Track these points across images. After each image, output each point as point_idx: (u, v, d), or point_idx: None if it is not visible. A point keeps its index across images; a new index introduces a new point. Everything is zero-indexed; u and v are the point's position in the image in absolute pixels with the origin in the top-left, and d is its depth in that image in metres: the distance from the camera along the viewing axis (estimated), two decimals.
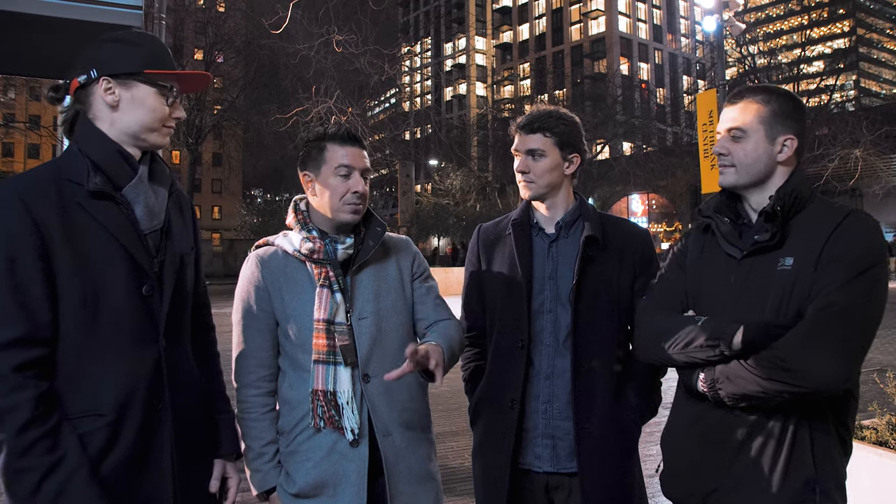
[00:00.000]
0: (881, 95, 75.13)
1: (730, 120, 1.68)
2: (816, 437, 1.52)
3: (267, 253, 1.91)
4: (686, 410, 1.71)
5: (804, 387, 1.43)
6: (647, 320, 1.73)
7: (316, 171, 1.87)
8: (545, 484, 1.98)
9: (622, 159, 39.26)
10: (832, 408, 1.54)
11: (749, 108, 1.65)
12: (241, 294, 1.88)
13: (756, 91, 1.68)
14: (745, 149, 1.64)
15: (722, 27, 12.96)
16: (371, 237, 1.90)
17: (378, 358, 1.85)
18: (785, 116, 1.63)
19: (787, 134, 1.63)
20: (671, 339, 1.61)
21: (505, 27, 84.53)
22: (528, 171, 2.02)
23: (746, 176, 1.65)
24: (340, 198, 1.84)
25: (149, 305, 1.53)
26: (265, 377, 1.85)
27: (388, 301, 1.90)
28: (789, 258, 1.54)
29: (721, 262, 1.66)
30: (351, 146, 1.87)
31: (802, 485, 1.50)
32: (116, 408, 1.45)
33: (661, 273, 1.82)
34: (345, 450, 1.79)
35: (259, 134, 31.39)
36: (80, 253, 1.44)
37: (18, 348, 1.36)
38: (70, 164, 1.50)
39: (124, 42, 1.56)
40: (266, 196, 56.90)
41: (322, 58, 19.30)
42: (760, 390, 1.47)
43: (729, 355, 1.52)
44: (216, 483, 1.71)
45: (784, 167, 1.64)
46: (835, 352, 1.43)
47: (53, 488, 1.35)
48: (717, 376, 1.54)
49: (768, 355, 1.46)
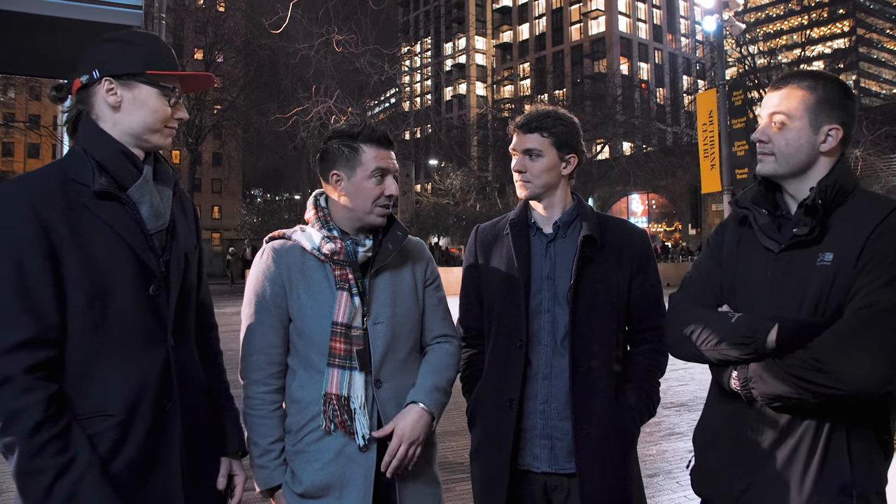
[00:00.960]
0: (881, 95, 75.13)
1: (772, 105, 1.59)
2: (853, 440, 1.45)
3: (283, 247, 1.87)
4: (719, 409, 1.66)
5: (840, 390, 1.37)
6: (680, 315, 1.66)
7: (349, 172, 1.83)
8: (543, 484, 1.97)
9: (622, 159, 39.29)
10: (871, 411, 1.46)
11: (794, 94, 1.57)
12: (255, 287, 1.85)
13: (802, 77, 1.59)
14: (786, 137, 1.56)
15: (722, 27, 12.95)
16: (391, 240, 1.87)
17: (390, 363, 1.84)
18: (831, 105, 1.55)
19: (833, 123, 1.54)
20: (703, 335, 1.56)
21: (505, 27, 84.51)
22: (525, 170, 2.01)
23: (787, 165, 1.57)
24: (373, 201, 1.82)
25: (156, 305, 1.53)
26: (275, 374, 1.84)
27: (402, 307, 1.89)
28: (829, 254, 1.47)
29: (758, 256, 1.59)
30: (386, 149, 1.85)
31: (838, 489, 1.44)
32: (126, 408, 1.46)
33: (697, 265, 1.76)
34: (353, 454, 1.78)
35: (259, 134, 31.43)
36: (88, 254, 1.44)
37: (28, 350, 1.36)
38: (75, 165, 1.50)
39: (126, 42, 1.56)
40: (266, 196, 56.92)
41: (322, 58, 19.31)
42: (794, 391, 1.41)
43: (762, 354, 1.47)
44: (223, 481, 1.72)
45: (827, 158, 1.56)
46: (873, 354, 1.35)
47: (66, 489, 1.35)
48: (750, 375, 1.49)
49: (803, 355, 1.40)
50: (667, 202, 43.98)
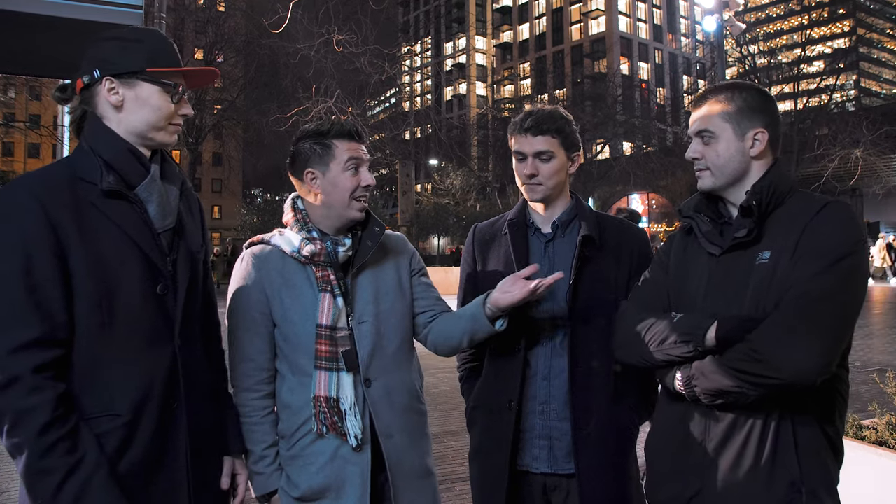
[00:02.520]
0: (881, 95, 75.11)
1: (697, 123, 1.66)
2: (801, 436, 1.48)
3: (263, 252, 1.87)
4: (667, 413, 1.68)
5: (777, 378, 1.39)
6: (626, 321, 1.71)
7: (323, 168, 1.83)
8: (543, 485, 1.97)
9: (622, 159, 39.26)
10: (816, 405, 1.50)
11: (713, 108, 1.64)
12: (237, 295, 1.85)
13: (718, 90, 1.66)
14: (716, 150, 1.62)
15: (722, 27, 12.96)
16: (369, 237, 1.87)
17: (378, 361, 1.84)
18: (752, 110, 1.61)
19: (757, 128, 1.60)
20: (648, 337, 1.60)
21: (505, 27, 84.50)
22: (538, 173, 1.98)
23: (723, 177, 1.63)
24: (351, 193, 1.83)
25: (163, 304, 1.53)
26: (263, 380, 1.84)
27: (386, 303, 1.89)
28: (767, 252, 1.52)
29: (702, 262, 1.65)
30: (357, 142, 1.86)
31: (788, 486, 1.46)
32: (133, 407, 1.46)
33: (645, 275, 1.81)
34: (348, 454, 1.78)
35: (259, 134, 31.38)
36: (95, 253, 1.43)
37: (37, 349, 1.36)
38: (83, 163, 1.50)
39: (126, 40, 1.55)
40: (266, 196, 56.87)
41: (322, 57, 19.29)
42: (734, 385, 1.44)
43: (704, 351, 1.50)
44: (227, 480, 1.72)
45: (759, 161, 1.62)
46: (808, 341, 1.39)
47: (74, 489, 1.35)
48: (692, 373, 1.52)
49: (741, 348, 1.44)
50: (667, 202, 43.90)
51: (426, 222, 41.15)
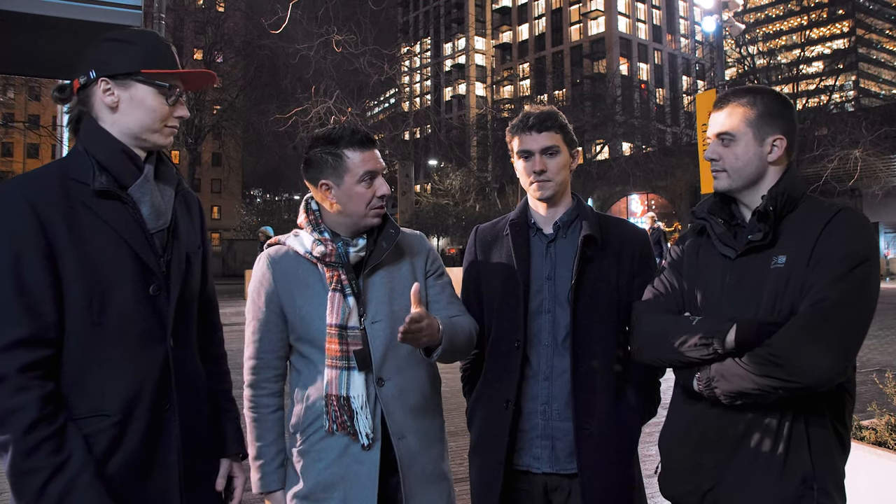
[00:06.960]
0: (881, 96, 75.12)
1: (718, 125, 1.70)
2: (813, 435, 1.53)
3: (278, 253, 1.89)
4: (684, 411, 1.72)
5: (797, 382, 1.45)
6: (643, 322, 1.74)
7: (338, 180, 1.80)
8: (544, 485, 1.97)
9: (622, 159, 39.28)
10: (828, 405, 1.55)
11: (735, 111, 1.67)
12: (252, 294, 1.89)
13: (741, 94, 1.69)
14: (735, 153, 1.66)
15: (721, 27, 12.97)
16: (385, 239, 1.87)
17: (392, 361, 1.84)
18: (772, 116, 1.65)
19: (776, 134, 1.64)
20: (666, 339, 1.63)
21: (504, 27, 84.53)
22: (546, 169, 2.00)
23: (739, 179, 1.67)
24: (367, 204, 1.82)
25: (156, 305, 1.52)
26: (271, 378, 1.86)
27: (401, 303, 1.87)
28: (782, 256, 1.56)
29: (716, 264, 1.68)
30: (370, 150, 1.83)
31: (800, 482, 1.51)
32: (123, 408, 1.45)
33: (658, 276, 1.83)
34: (357, 453, 1.78)
35: (258, 134, 31.45)
36: (87, 253, 1.43)
37: (24, 349, 1.36)
38: (76, 164, 1.49)
39: (123, 41, 1.55)
40: (265, 196, 56.94)
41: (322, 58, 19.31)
42: (755, 387, 1.48)
43: (723, 353, 1.54)
44: (222, 482, 1.71)
45: (775, 167, 1.66)
46: (827, 346, 1.44)
47: (59, 489, 1.35)
48: (712, 375, 1.56)
49: (761, 352, 1.48)
50: (666, 202, 43.94)
51: (425, 223, 41.12)
